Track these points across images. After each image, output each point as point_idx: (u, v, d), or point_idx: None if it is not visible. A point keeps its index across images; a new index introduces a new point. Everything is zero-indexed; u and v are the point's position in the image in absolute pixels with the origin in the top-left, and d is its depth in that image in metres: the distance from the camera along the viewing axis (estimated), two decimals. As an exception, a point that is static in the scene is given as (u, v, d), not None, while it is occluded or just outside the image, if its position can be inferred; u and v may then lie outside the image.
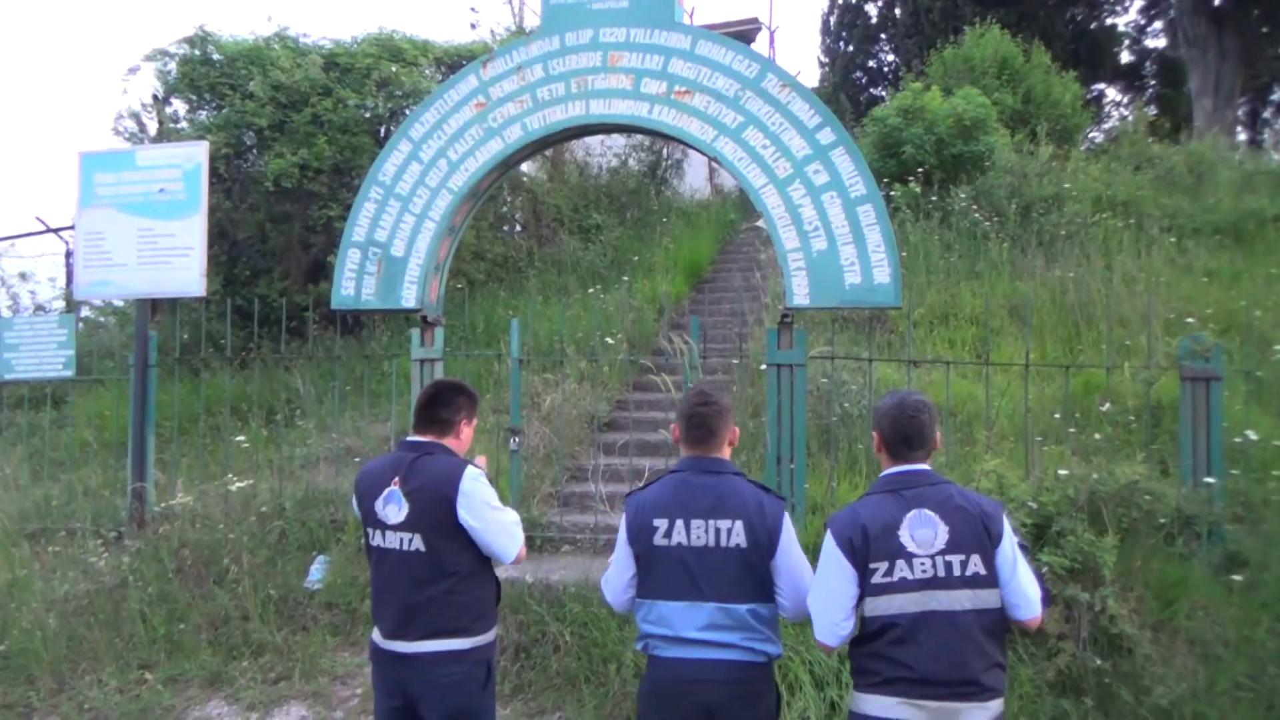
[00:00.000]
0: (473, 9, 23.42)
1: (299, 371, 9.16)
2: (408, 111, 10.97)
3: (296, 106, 10.77)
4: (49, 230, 12.37)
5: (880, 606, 2.73)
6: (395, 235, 6.89)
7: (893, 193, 11.30)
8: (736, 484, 3.07)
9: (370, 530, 3.26)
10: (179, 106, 11.40)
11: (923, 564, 2.69)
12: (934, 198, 11.40)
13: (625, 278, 11.20)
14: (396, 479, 3.20)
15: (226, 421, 7.98)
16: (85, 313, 12.25)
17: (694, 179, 17.23)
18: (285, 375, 9.36)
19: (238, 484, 6.79)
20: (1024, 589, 2.73)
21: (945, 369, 7.03)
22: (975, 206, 11.24)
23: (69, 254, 13.04)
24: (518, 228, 13.92)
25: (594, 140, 15.18)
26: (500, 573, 3.64)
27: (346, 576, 6.17)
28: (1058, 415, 6.96)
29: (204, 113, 11.27)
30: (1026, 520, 4.99)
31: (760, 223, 13.76)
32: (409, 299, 6.80)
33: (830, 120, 6.25)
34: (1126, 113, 23.11)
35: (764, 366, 7.18)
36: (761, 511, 2.98)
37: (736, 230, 14.81)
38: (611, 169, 15.63)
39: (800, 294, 6.10)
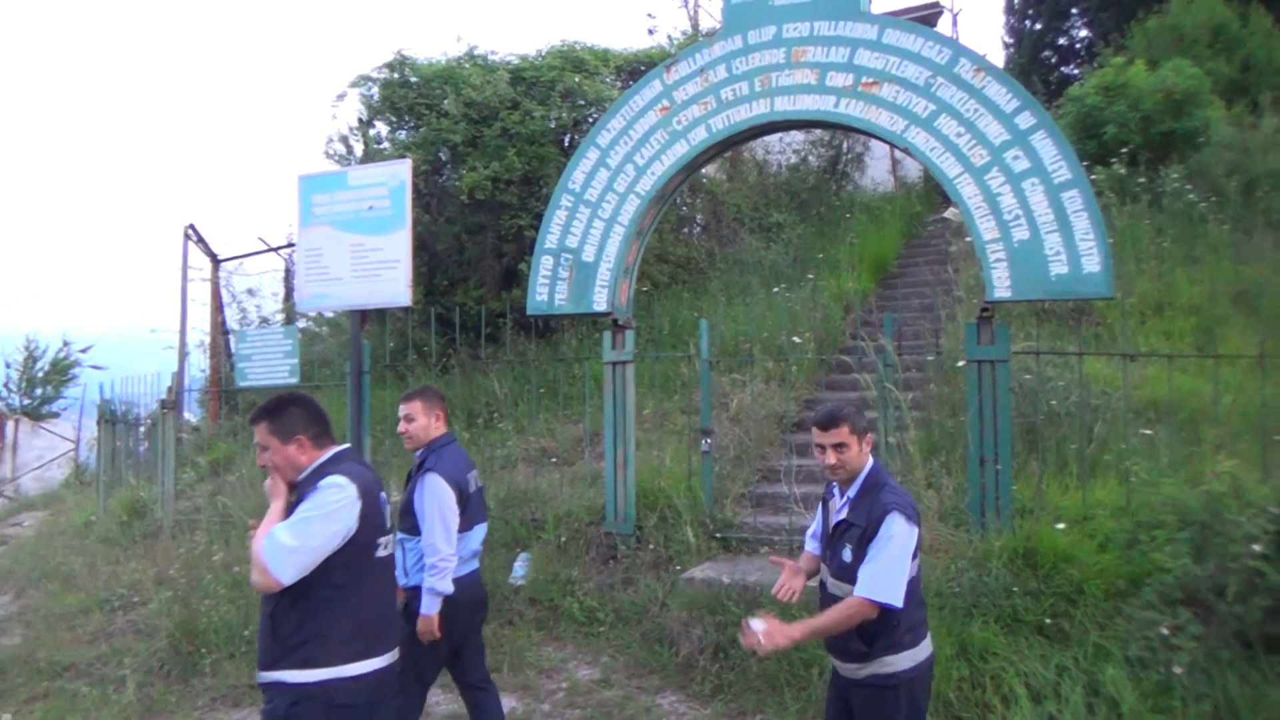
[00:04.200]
0: (649, 15, 23.70)
1: (496, 376, 9.55)
2: (591, 120, 11.28)
3: (487, 121, 11.23)
4: (270, 249, 13.47)
5: (914, 568, 3.19)
6: (585, 241, 7.07)
7: (1094, 176, 10.61)
8: None
9: (380, 540, 3.11)
10: (381, 128, 12.13)
11: None
12: (1141, 179, 10.63)
13: (810, 276, 11.04)
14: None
15: (432, 424, 8.41)
16: (302, 324, 13.24)
17: (876, 172, 16.80)
18: (483, 379, 9.78)
19: (445, 483, 7.14)
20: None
21: (1165, 363, 6.54)
22: (1189, 187, 10.41)
23: (288, 270, 14.16)
24: (697, 229, 14.00)
25: (772, 138, 15.06)
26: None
27: (548, 574, 6.39)
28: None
29: (403, 132, 11.94)
30: (1270, 528, 4.57)
31: (949, 214, 13.28)
32: (600, 303, 6.96)
33: (1030, 103, 5.95)
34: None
35: (961, 363, 6.91)
36: None
37: (923, 223, 14.32)
38: (791, 166, 15.47)
39: (1001, 286, 5.84)
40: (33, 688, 6.03)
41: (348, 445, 3.26)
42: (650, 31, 15.21)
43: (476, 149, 11.20)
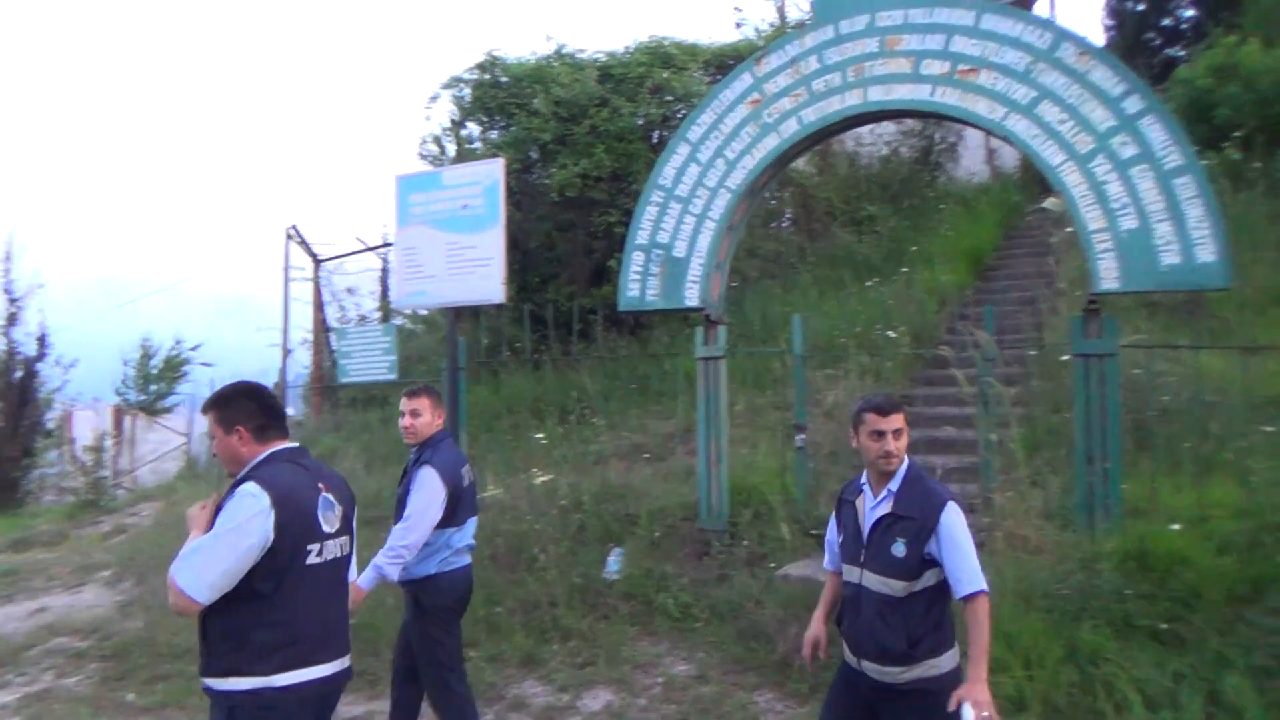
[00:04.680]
0: (737, 8, 23.54)
1: (587, 371, 9.63)
2: (679, 116, 11.26)
3: (576, 119, 11.32)
4: (368, 249, 13.82)
5: None
6: (677, 236, 7.07)
7: (1205, 161, 10.12)
8: None
9: (311, 547, 2.90)
10: (473, 128, 12.34)
11: None
12: (1257, 164, 10.13)
13: (904, 269, 10.83)
14: (321, 484, 3.02)
15: (526, 420, 8.54)
16: (398, 321, 13.56)
17: (970, 162, 16.36)
18: (574, 375, 9.87)
19: (540, 478, 7.25)
20: None
21: (1287, 356, 6.22)
22: (1310, 170, 9.87)
23: (384, 269, 14.51)
24: (785, 223, 13.86)
25: (863, 129, 14.77)
26: None
27: (641, 569, 6.42)
28: None
29: (494, 132, 12.12)
30: None
31: (1049, 204, 12.83)
32: (692, 298, 6.95)
33: (1137, 86, 5.73)
34: None
35: (1066, 358, 6.70)
36: None
37: (1021, 213, 13.90)
38: (882, 157, 15.17)
39: (1109, 278, 5.64)
40: (154, 669, 6.32)
41: (292, 445, 3.07)
42: (738, 25, 15.07)
43: (566, 147, 11.30)
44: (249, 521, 2.77)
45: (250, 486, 2.83)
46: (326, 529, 2.95)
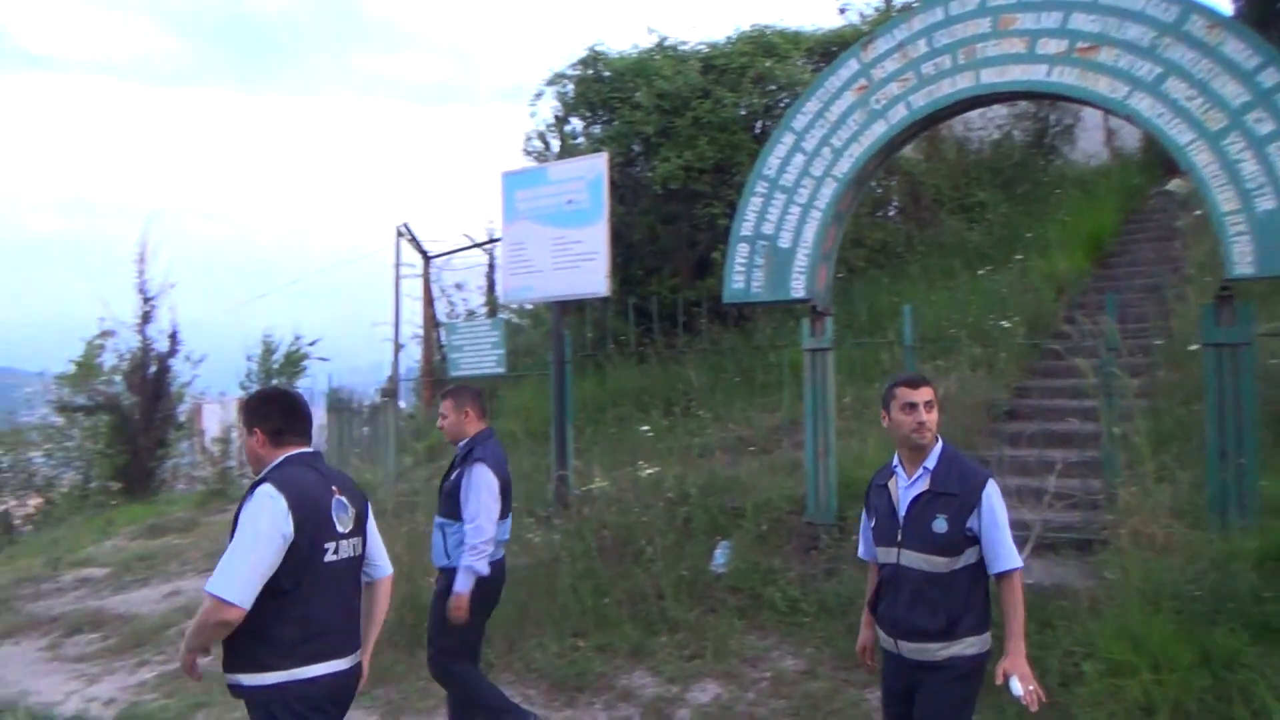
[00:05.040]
0: (840, -7, 23.08)
1: (691, 364, 9.63)
2: (783, 105, 11.12)
3: (679, 111, 11.31)
4: (475, 245, 14.12)
5: None
6: (782, 227, 7.00)
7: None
8: None
9: (328, 545, 3.04)
10: (576, 123, 12.45)
11: None
12: None
13: (1018, 257, 10.48)
14: (335, 487, 3.14)
15: (631, 412, 8.60)
16: (504, 316, 13.83)
17: (1087, 144, 15.70)
18: (678, 368, 9.88)
19: (646, 470, 7.29)
20: None
21: None
22: None
23: (490, 265, 14.81)
24: (892, 211, 13.57)
25: (973, 114, 14.34)
26: None
27: (749, 562, 6.39)
28: None
29: (597, 127, 12.20)
30: None
31: (1173, 185, 12.23)
32: (798, 289, 6.87)
33: (1275, 58, 5.40)
34: None
35: (1195, 347, 6.37)
36: None
37: (1144, 196, 13.27)
38: (993, 142, 14.70)
39: (1243, 262, 5.35)
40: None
41: (308, 450, 3.19)
42: (842, 10, 14.74)
43: (669, 139, 11.29)
44: (271, 521, 2.90)
45: (267, 488, 2.96)
46: (341, 529, 3.08)
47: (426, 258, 13.92)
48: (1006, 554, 3.13)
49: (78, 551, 11.94)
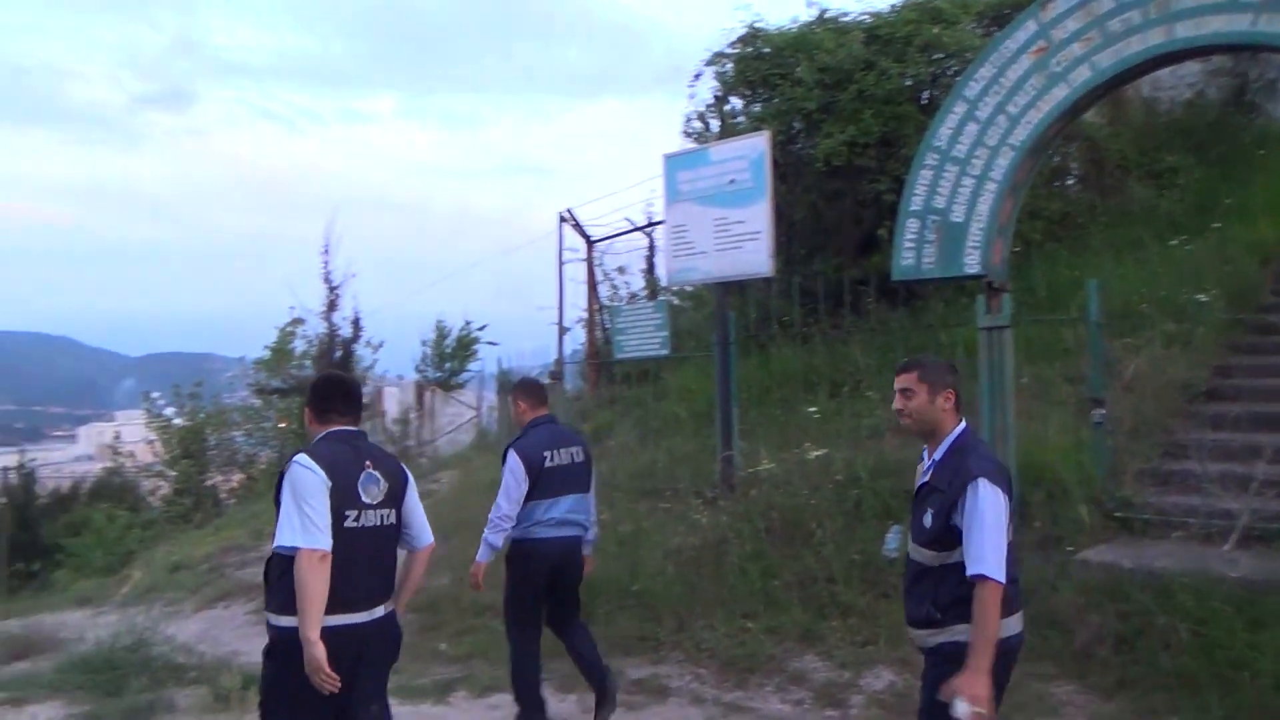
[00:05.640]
0: (1011, -49, 21.94)
1: (858, 344, 9.41)
2: (952, 74, 10.67)
3: (841, 85, 11.02)
4: (636, 229, 14.26)
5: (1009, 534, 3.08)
6: (954, 200, 6.72)
7: None
8: None
9: (349, 513, 3.36)
10: (736, 103, 12.35)
11: None
12: None
13: (1215, 225, 9.69)
14: (368, 462, 3.47)
15: (796, 394, 8.49)
16: (664, 297, 13.91)
17: (1295, 98, 14.33)
18: (845, 348, 9.68)
19: (814, 452, 7.19)
20: None
21: None
22: None
23: (650, 248, 14.93)
24: (1072, 180, 12.81)
25: (1161, 73, 13.35)
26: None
27: (923, 547, 6.21)
28: None
29: (757, 105, 12.06)
30: None
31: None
32: (972, 265, 6.59)
33: None
34: None
35: None
36: None
37: (1365, 153, 12.00)
38: (1184, 102, 13.62)
39: None
40: (461, 623, 6.92)
41: (351, 428, 3.56)
42: (1012, -30, 14.05)
43: (831, 115, 11.03)
44: (306, 482, 3.30)
45: (302, 458, 3.37)
46: (366, 499, 3.41)
47: (589, 242, 14.16)
48: (977, 558, 2.96)
49: (276, 524, 12.84)
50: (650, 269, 15.34)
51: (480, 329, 23.29)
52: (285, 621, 3.29)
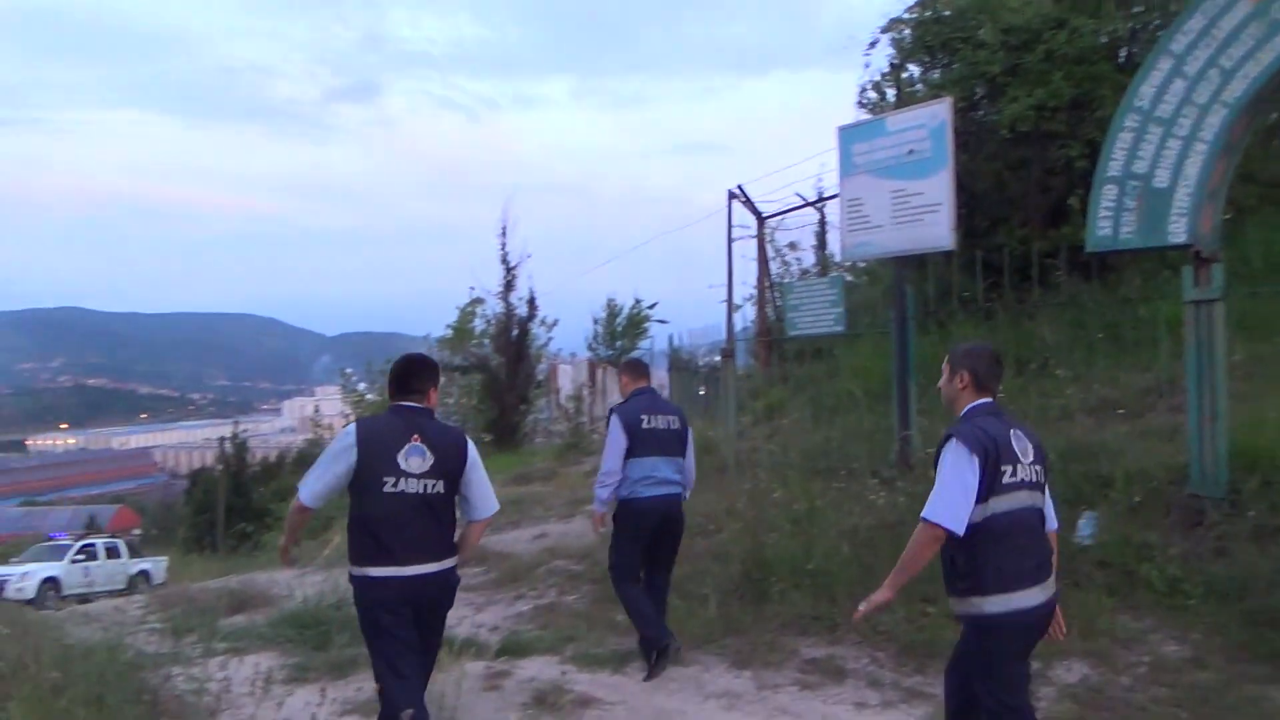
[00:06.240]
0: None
1: (1046, 320, 8.92)
2: (1154, 28, 9.93)
3: (1028, 46, 10.42)
4: (807, 204, 14.03)
5: (1005, 504, 3.23)
6: (1157, 164, 6.27)
7: None
8: None
9: (387, 479, 3.77)
10: (913, 70, 11.90)
11: (1024, 470, 3.29)
12: None
13: None
14: (416, 435, 3.84)
15: (979, 372, 8.12)
16: (836, 273, 13.62)
17: None
18: (1031, 324, 9.20)
19: (997, 433, 6.86)
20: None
21: None
22: None
23: (822, 223, 14.66)
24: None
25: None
26: None
27: (1119, 535, 5.86)
28: None
29: (936, 72, 11.58)
30: None
31: None
32: (1177, 234, 6.13)
33: None
34: None
35: None
36: None
37: None
38: None
39: None
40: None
41: (410, 405, 3.96)
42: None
43: (1017, 78, 10.46)
44: (336, 450, 3.86)
45: (349, 425, 4.03)
46: (406, 468, 3.80)
47: (760, 218, 14.04)
48: (928, 502, 3.25)
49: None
50: (822, 244, 15.08)
51: (650, 307, 23.59)
52: (350, 570, 3.88)
